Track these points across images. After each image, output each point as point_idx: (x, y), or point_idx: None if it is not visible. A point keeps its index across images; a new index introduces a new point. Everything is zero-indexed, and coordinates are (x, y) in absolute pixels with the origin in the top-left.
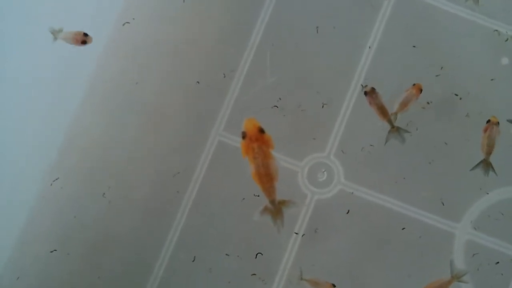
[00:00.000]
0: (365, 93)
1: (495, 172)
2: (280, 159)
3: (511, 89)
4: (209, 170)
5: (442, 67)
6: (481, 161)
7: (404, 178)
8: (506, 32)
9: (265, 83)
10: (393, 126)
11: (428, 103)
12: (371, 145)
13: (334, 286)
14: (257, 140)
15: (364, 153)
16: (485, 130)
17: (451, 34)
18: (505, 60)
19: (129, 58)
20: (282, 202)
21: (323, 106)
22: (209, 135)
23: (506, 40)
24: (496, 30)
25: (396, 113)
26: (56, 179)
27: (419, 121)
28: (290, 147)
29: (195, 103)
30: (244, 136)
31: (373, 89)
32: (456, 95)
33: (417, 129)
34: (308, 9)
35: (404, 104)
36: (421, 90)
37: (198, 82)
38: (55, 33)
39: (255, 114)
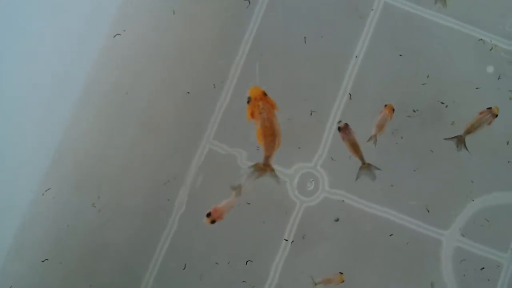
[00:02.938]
0: (339, 128)
1: (467, 149)
2: None
3: (496, 97)
4: (199, 178)
5: (428, 76)
6: (457, 136)
7: (391, 186)
8: (491, 41)
9: None
10: (364, 163)
11: (414, 111)
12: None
13: (342, 273)
14: (262, 99)
15: (352, 161)
16: (481, 113)
17: (437, 43)
18: (490, 69)
19: (120, 69)
20: (273, 169)
21: (311, 114)
22: (199, 143)
23: (491, 49)
24: (481, 39)
25: (375, 136)
26: (48, 189)
27: (405, 129)
28: (279, 155)
29: (186, 113)
30: (249, 100)
31: (346, 125)
32: (442, 103)
33: (402, 138)
34: (296, 19)
35: (380, 126)
36: (393, 110)
37: (188, 92)
38: (236, 190)
39: (244, 122)
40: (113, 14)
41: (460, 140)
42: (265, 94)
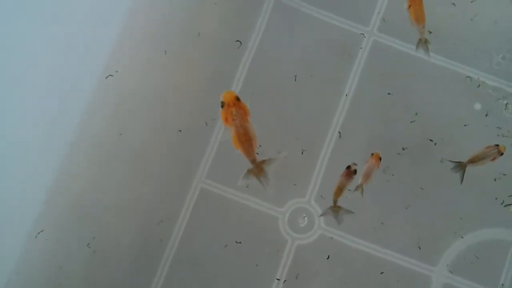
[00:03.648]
0: (348, 167)
1: (462, 178)
2: (261, 205)
3: (484, 134)
4: (192, 218)
5: (416, 113)
6: (460, 162)
7: (382, 223)
8: (478, 78)
9: None
10: (335, 206)
11: (403, 148)
12: (348, 190)
13: None
14: (235, 105)
15: (342, 199)
16: (487, 148)
17: (425, 80)
18: (477, 106)
19: (113, 110)
20: (263, 162)
21: (302, 153)
22: (191, 182)
23: (478, 86)
24: (469, 77)
25: (362, 185)
26: (41, 231)
27: (395, 166)
28: (271, 193)
29: (178, 152)
30: (222, 105)
31: (355, 171)
32: (431, 140)
33: (393, 175)
34: (286, 58)
35: (367, 176)
36: (380, 158)
37: (180, 130)
38: None
39: (236, 160)
40: (105, 55)
41: (461, 166)
42: (238, 99)
